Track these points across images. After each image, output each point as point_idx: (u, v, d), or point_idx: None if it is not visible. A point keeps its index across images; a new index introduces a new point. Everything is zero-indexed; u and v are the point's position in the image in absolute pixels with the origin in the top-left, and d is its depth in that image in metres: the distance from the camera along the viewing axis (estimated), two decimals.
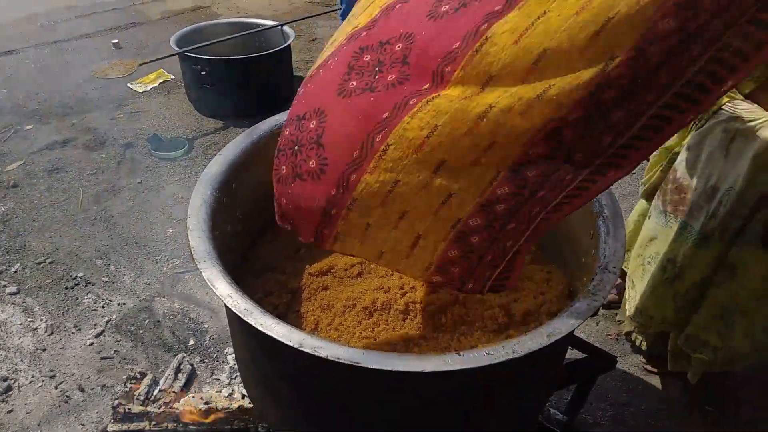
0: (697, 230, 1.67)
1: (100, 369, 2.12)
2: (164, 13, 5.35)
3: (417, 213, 1.09)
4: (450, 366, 1.01)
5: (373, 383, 1.12)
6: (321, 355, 1.00)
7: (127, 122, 3.63)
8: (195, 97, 3.75)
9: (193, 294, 2.43)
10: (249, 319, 1.07)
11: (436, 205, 1.07)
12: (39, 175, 3.15)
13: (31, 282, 2.49)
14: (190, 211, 1.32)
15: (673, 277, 1.76)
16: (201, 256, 1.19)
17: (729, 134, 1.57)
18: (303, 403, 1.26)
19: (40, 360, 2.15)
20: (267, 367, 1.28)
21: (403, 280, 1.47)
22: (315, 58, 4.88)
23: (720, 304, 1.72)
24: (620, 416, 1.98)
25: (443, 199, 1.06)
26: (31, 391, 2.04)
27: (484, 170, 1.04)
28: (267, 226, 1.67)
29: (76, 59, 4.41)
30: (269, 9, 5.43)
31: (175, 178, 3.14)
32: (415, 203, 1.08)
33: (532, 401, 1.39)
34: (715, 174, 1.62)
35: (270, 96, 3.67)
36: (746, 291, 1.68)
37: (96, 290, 2.45)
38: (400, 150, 1.05)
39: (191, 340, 2.24)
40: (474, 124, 1.01)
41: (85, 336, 2.25)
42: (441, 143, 1.03)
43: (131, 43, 4.71)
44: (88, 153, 3.33)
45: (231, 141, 1.55)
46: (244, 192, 1.53)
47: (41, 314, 2.34)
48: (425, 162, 1.05)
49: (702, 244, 1.67)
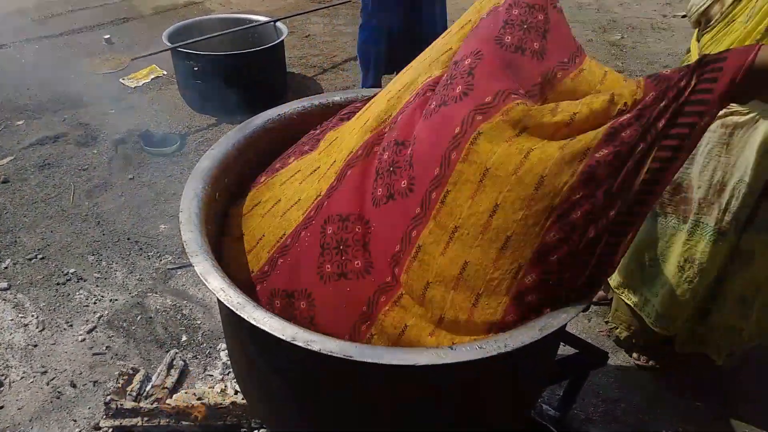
0: (712, 226, 1.69)
1: (92, 365, 2.11)
2: (157, 8, 5.32)
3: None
4: (443, 359, 1.01)
5: (365, 376, 1.12)
6: (314, 349, 1.00)
7: (119, 118, 3.60)
8: (187, 92, 3.73)
9: (185, 290, 2.43)
10: (241, 313, 1.07)
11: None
12: (30, 171, 3.12)
13: (22, 278, 2.47)
14: (183, 206, 1.31)
15: (693, 276, 1.78)
16: (194, 250, 1.19)
17: (728, 129, 1.59)
18: (295, 398, 1.26)
19: (31, 356, 2.14)
20: (259, 361, 1.27)
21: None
22: (308, 55, 4.83)
23: (739, 291, 1.75)
24: (612, 412, 1.99)
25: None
26: (23, 387, 2.03)
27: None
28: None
29: (67, 54, 4.39)
30: (262, 5, 5.41)
31: (168, 174, 3.12)
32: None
33: (524, 396, 1.40)
34: (719, 169, 1.64)
35: (263, 92, 3.66)
36: (764, 274, 1.73)
37: (88, 286, 2.44)
38: (383, 339, 1.15)
39: (184, 336, 2.23)
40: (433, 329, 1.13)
41: (76, 332, 2.23)
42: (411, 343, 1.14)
43: (123, 38, 4.69)
44: (80, 148, 3.31)
45: (223, 135, 1.54)
46: (237, 187, 1.53)
47: (32, 310, 2.32)
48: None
49: (719, 238, 1.70)
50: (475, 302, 1.09)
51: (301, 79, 4.14)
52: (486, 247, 1.09)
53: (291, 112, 1.67)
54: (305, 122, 1.70)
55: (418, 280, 1.13)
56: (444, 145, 1.12)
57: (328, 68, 4.28)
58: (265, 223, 1.34)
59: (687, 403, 2.02)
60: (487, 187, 1.09)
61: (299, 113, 1.68)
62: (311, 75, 4.19)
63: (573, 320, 1.71)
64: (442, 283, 1.11)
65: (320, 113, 1.71)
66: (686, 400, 2.03)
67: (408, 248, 1.14)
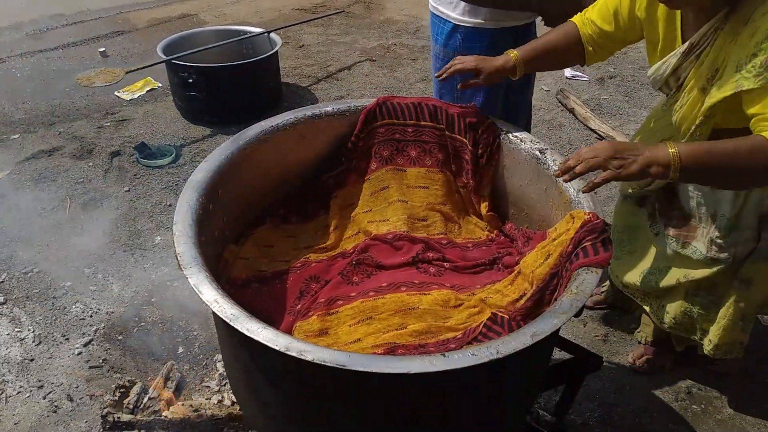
0: (703, 252, 1.66)
1: (88, 378, 2.11)
2: (151, 20, 5.35)
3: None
4: (435, 367, 1.02)
5: (358, 384, 1.13)
6: (307, 359, 1.01)
7: (115, 130, 3.62)
8: (182, 104, 3.75)
9: (182, 301, 2.43)
10: (235, 324, 1.07)
11: None
12: (26, 185, 3.13)
13: (18, 292, 2.47)
14: (177, 218, 1.32)
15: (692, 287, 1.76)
16: (187, 262, 1.20)
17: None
18: (290, 407, 1.26)
19: (27, 370, 2.14)
20: (254, 372, 1.28)
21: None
22: (302, 65, 4.86)
23: (741, 310, 1.71)
24: (608, 416, 1.99)
25: None
26: (19, 402, 2.03)
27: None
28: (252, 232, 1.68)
29: (62, 67, 4.40)
30: (256, 16, 5.44)
31: (163, 186, 3.13)
32: None
33: (518, 401, 1.41)
34: (710, 203, 1.62)
35: (257, 103, 3.68)
36: (763, 296, 1.71)
37: (84, 299, 2.44)
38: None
39: (180, 347, 2.23)
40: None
41: (73, 345, 2.23)
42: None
43: (118, 51, 4.70)
44: (75, 162, 3.32)
45: (217, 147, 1.56)
46: (231, 198, 1.54)
47: (29, 324, 2.32)
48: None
49: (712, 264, 1.67)
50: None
51: (296, 89, 4.16)
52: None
53: (284, 124, 1.69)
54: (298, 133, 1.71)
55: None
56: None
57: (323, 78, 4.30)
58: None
59: (682, 407, 2.03)
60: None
61: (292, 124, 1.70)
62: (306, 85, 4.22)
63: (568, 325, 1.72)
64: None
65: (312, 124, 1.73)
66: (682, 404, 2.03)
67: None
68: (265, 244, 1.65)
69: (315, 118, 1.73)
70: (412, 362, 1.04)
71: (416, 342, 1.33)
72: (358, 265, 1.54)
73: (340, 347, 1.33)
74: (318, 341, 1.35)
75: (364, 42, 4.89)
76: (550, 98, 3.97)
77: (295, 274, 1.56)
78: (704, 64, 1.40)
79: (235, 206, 1.59)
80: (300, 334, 1.37)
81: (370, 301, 1.43)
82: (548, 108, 3.87)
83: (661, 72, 1.51)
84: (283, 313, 1.44)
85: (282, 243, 1.67)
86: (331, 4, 5.71)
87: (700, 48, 1.40)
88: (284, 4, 5.72)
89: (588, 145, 1.66)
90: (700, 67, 1.41)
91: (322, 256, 1.63)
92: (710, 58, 1.38)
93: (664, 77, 1.51)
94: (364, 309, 1.41)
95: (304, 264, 1.60)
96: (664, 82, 1.52)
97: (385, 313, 1.40)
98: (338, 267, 1.56)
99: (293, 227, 1.72)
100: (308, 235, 1.70)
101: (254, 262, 1.58)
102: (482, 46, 1.93)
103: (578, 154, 1.30)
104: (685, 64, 1.45)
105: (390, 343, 1.32)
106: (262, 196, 1.71)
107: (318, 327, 1.38)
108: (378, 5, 5.74)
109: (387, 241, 1.59)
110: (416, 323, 1.36)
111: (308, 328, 1.38)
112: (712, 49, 1.37)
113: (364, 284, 1.49)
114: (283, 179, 1.74)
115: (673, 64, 1.47)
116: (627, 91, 4.04)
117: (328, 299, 1.45)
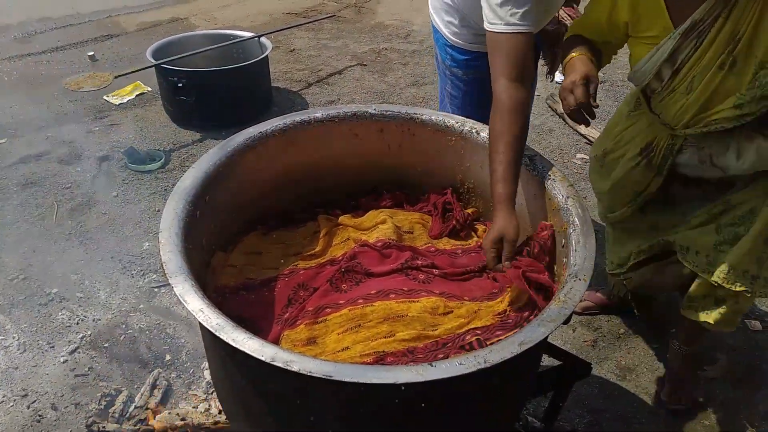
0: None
1: (74, 387, 2.08)
2: (141, 24, 5.32)
3: None
4: (423, 377, 1.01)
5: (346, 395, 1.12)
6: (293, 369, 1.00)
7: (103, 135, 3.59)
8: (172, 109, 3.73)
9: (169, 308, 2.41)
10: (221, 335, 1.06)
11: None
12: (12, 190, 3.09)
13: (3, 298, 2.44)
14: (163, 225, 1.31)
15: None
16: (173, 271, 1.19)
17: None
18: (276, 417, 1.25)
19: (11, 379, 2.11)
20: (240, 381, 1.27)
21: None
22: (292, 69, 4.83)
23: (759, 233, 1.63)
24: (597, 422, 1.99)
25: None
26: (2, 411, 2.00)
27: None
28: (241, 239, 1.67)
29: (50, 72, 4.36)
30: (246, 20, 5.43)
31: (152, 191, 3.11)
32: None
33: (507, 409, 1.40)
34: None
35: (247, 107, 3.66)
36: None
37: (70, 306, 2.41)
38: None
39: (167, 355, 2.21)
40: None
41: (58, 353, 2.21)
42: None
43: (107, 55, 4.67)
44: (63, 166, 3.29)
45: (205, 153, 1.54)
46: (219, 205, 1.53)
47: (13, 332, 2.29)
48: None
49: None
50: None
51: (287, 94, 4.15)
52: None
53: (273, 130, 1.68)
54: (287, 139, 1.70)
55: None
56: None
57: (313, 82, 4.30)
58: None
59: (670, 411, 2.03)
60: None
61: (281, 130, 1.69)
62: (296, 89, 4.21)
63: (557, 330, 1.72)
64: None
65: (301, 130, 1.72)
66: (669, 408, 2.04)
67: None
68: (253, 252, 1.64)
69: (304, 124, 1.72)
70: (400, 372, 1.03)
71: (405, 348, 1.32)
72: (346, 272, 1.53)
73: (328, 356, 1.31)
74: (306, 350, 1.34)
75: (355, 46, 4.89)
76: (540, 103, 3.98)
77: (284, 282, 1.55)
78: (719, 37, 1.36)
79: (224, 213, 1.58)
80: (287, 344, 1.35)
81: (358, 308, 1.42)
82: (538, 113, 3.89)
83: (655, 59, 1.46)
84: (272, 322, 1.43)
85: (271, 250, 1.66)
86: (322, 9, 5.71)
87: (703, 24, 1.36)
88: (275, 8, 5.71)
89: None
90: (712, 43, 1.37)
91: (311, 263, 1.62)
92: (727, 29, 1.35)
93: (658, 64, 1.46)
94: (353, 317, 1.40)
95: (293, 271, 1.58)
96: (655, 72, 1.48)
97: (373, 320, 1.39)
98: (327, 274, 1.55)
99: (282, 234, 1.71)
100: (297, 242, 1.69)
101: (242, 270, 1.57)
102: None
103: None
104: (684, 44, 1.41)
105: (379, 351, 1.31)
106: (251, 203, 1.70)
107: (306, 336, 1.37)
108: (369, 10, 5.74)
109: (376, 248, 1.59)
110: (405, 331, 1.35)
111: (296, 337, 1.37)
112: (729, 20, 1.34)
113: (352, 291, 1.48)
114: (272, 186, 1.73)
115: (671, 47, 1.42)
116: (617, 96, 4.06)
117: (316, 307, 1.43)
